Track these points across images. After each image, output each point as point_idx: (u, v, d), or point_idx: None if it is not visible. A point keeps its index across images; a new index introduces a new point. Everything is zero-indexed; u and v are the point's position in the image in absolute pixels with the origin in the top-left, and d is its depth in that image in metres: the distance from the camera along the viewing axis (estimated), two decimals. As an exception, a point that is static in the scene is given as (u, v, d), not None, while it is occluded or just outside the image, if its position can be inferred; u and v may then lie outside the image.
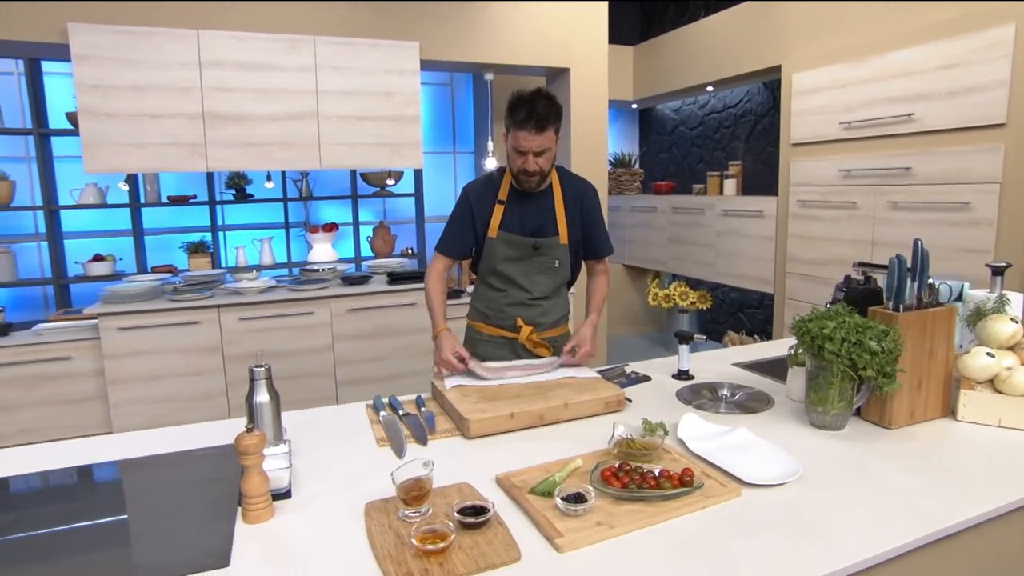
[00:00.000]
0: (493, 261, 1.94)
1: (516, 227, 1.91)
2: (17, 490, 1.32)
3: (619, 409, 1.61)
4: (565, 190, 1.96)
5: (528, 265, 1.93)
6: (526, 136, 1.73)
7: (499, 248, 1.91)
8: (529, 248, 1.91)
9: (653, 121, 6.02)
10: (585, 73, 4.14)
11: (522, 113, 1.72)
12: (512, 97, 1.77)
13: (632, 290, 5.90)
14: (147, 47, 3.14)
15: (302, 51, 3.43)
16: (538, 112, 1.71)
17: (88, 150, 3.14)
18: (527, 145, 1.75)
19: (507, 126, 1.79)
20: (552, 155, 1.83)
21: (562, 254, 1.96)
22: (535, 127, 1.72)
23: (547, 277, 1.96)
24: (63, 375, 3.27)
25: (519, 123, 1.73)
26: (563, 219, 1.93)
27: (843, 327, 1.35)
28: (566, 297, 2.10)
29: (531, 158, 1.77)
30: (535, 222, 1.91)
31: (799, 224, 3.62)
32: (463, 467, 1.33)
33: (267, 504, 1.16)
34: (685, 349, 1.88)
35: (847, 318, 1.37)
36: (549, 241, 1.92)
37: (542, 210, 1.92)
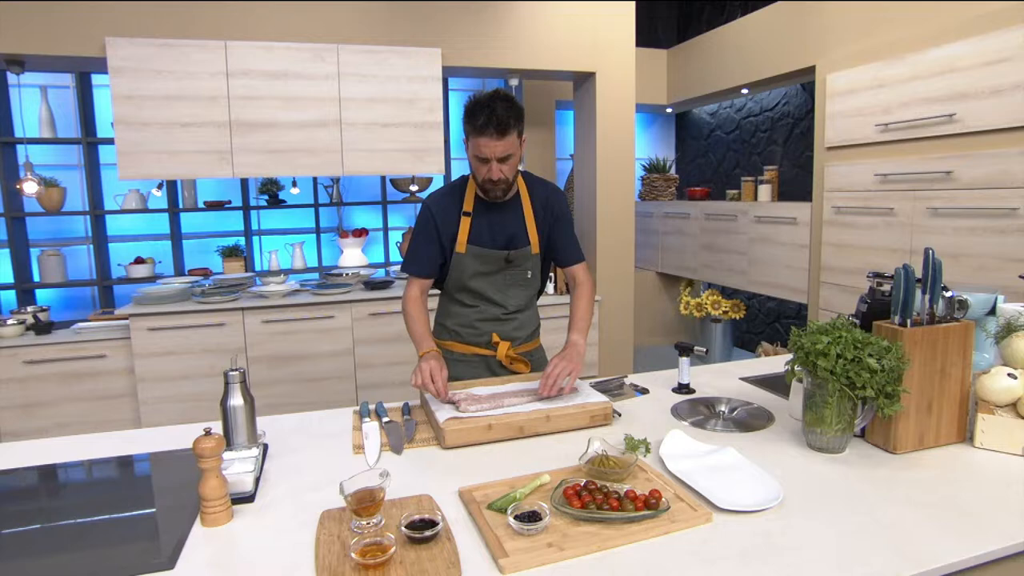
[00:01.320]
0: (463, 277, 1.84)
1: (486, 240, 1.81)
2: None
3: (606, 423, 1.54)
4: (533, 196, 1.86)
5: (501, 279, 1.85)
6: (487, 142, 1.62)
7: (469, 263, 1.82)
8: (501, 261, 1.82)
9: (689, 125, 5.87)
10: (611, 77, 4.06)
11: (481, 118, 1.60)
12: (468, 102, 1.66)
13: (665, 298, 5.75)
14: (178, 58, 3.26)
15: (326, 59, 3.49)
16: (498, 116, 1.59)
17: (122, 158, 3.28)
18: (489, 152, 1.63)
19: (466, 133, 1.67)
20: (517, 161, 1.72)
21: (534, 264, 1.88)
22: (496, 132, 1.60)
23: (521, 289, 1.88)
24: (98, 372, 3.41)
25: (479, 129, 1.61)
26: (533, 227, 1.84)
27: (839, 343, 1.25)
28: (536, 308, 2.02)
29: (495, 165, 1.66)
30: (506, 233, 1.82)
31: (833, 231, 3.44)
32: (432, 478, 1.30)
33: (225, 508, 1.15)
34: (685, 362, 1.80)
35: (844, 333, 1.27)
36: (522, 252, 1.83)
37: (511, 219, 1.82)
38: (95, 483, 1.44)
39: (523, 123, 1.69)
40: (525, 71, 4.00)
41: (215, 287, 3.64)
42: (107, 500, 1.30)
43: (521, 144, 1.72)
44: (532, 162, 5.14)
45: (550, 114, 5.16)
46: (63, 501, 1.33)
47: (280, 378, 3.58)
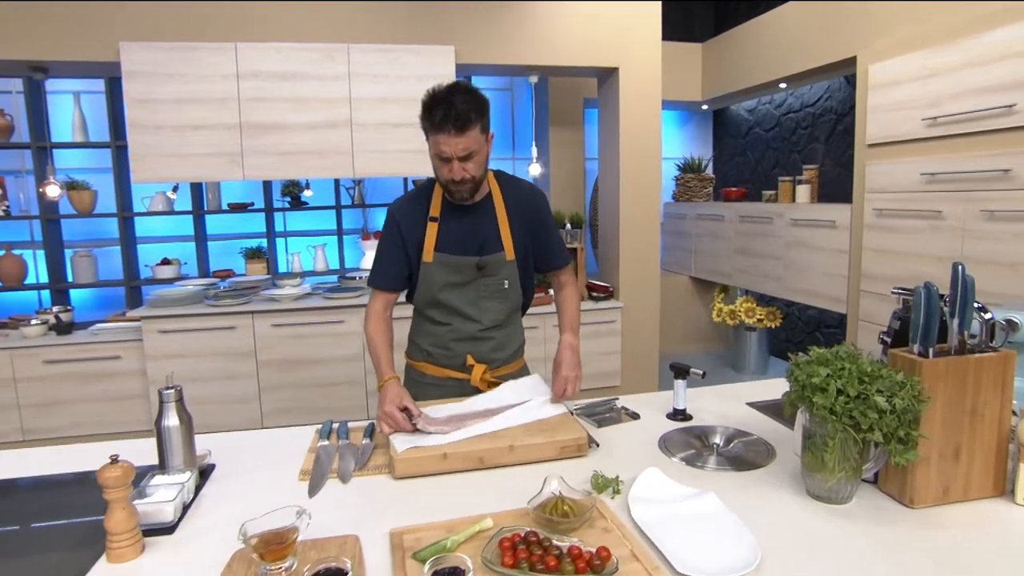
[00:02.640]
0: (432, 290, 1.67)
1: (455, 247, 1.64)
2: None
3: (579, 455, 1.38)
4: (507, 198, 1.68)
5: (474, 290, 1.68)
6: (446, 139, 1.46)
7: (437, 274, 1.65)
8: (473, 270, 1.65)
9: (727, 123, 5.58)
10: (636, 73, 3.85)
11: (438, 113, 1.45)
12: (426, 96, 1.49)
13: (698, 304, 5.48)
14: (189, 61, 3.25)
15: (336, 59, 3.42)
16: (457, 110, 1.44)
17: (136, 161, 3.30)
18: (450, 150, 1.48)
19: (424, 130, 1.51)
20: (483, 158, 1.56)
21: (510, 273, 1.69)
22: (455, 128, 1.45)
23: (498, 302, 1.70)
24: (112, 373, 3.45)
25: (437, 125, 1.46)
26: (507, 231, 1.67)
27: (840, 376, 1.05)
28: (520, 324, 1.83)
29: (456, 164, 1.50)
30: (476, 238, 1.65)
31: (875, 236, 3.14)
32: (371, 513, 1.17)
33: (132, 542, 1.05)
34: (680, 385, 1.61)
35: (848, 364, 1.06)
36: (495, 259, 1.66)
37: (482, 224, 1.66)
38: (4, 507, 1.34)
39: (487, 117, 1.53)
40: (544, 68, 3.84)
41: (228, 290, 3.63)
42: (9, 530, 1.20)
43: (487, 140, 1.56)
44: (560, 164, 4.98)
45: (578, 113, 4.98)
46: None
47: (289, 383, 3.54)
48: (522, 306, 1.81)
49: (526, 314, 1.87)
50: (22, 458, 1.50)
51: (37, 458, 1.50)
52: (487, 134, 1.55)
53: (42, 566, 1.05)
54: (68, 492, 1.34)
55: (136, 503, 1.13)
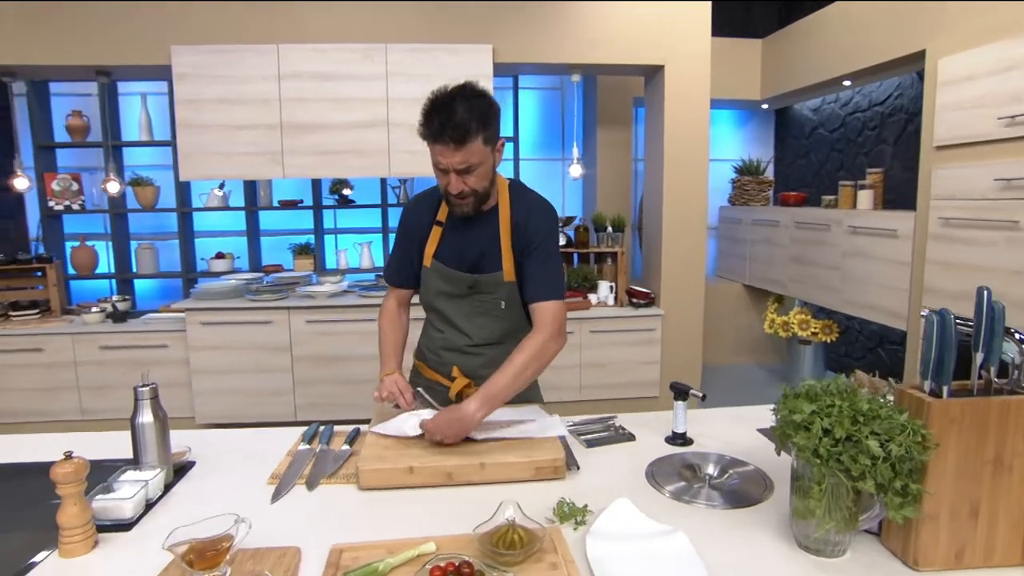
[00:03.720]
0: (428, 295, 1.62)
1: (452, 258, 1.57)
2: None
3: (556, 477, 1.29)
4: (514, 213, 1.55)
5: (467, 304, 1.59)
6: (443, 151, 1.36)
7: (433, 281, 1.60)
8: (465, 286, 1.57)
9: (789, 123, 5.26)
10: (682, 71, 3.68)
11: (436, 122, 1.34)
12: (427, 100, 1.39)
13: (752, 314, 5.20)
14: (234, 63, 3.36)
15: (375, 59, 3.45)
16: (455, 120, 1.33)
17: (183, 159, 3.44)
18: (446, 162, 1.38)
19: (422, 137, 1.40)
20: (487, 170, 1.44)
21: (509, 294, 1.57)
22: (452, 140, 1.34)
23: (492, 320, 1.60)
24: (159, 361, 3.62)
25: (434, 135, 1.36)
26: (508, 250, 1.54)
27: (828, 413, 0.92)
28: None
29: (454, 178, 1.40)
30: (473, 253, 1.56)
31: (941, 247, 2.85)
32: (323, 525, 1.14)
33: (84, 538, 1.06)
34: (680, 407, 1.49)
35: (838, 401, 0.93)
36: (490, 279, 1.55)
37: (484, 238, 1.55)
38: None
39: (494, 126, 1.41)
40: (586, 66, 3.73)
41: (267, 286, 3.74)
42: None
43: (494, 152, 1.45)
44: (607, 164, 4.85)
45: (627, 113, 4.83)
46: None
47: (321, 378, 3.60)
48: (522, 328, 1.67)
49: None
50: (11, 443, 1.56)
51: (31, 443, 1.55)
52: (494, 144, 1.44)
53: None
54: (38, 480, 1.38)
55: (98, 498, 1.14)
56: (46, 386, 3.59)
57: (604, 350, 3.87)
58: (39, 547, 1.07)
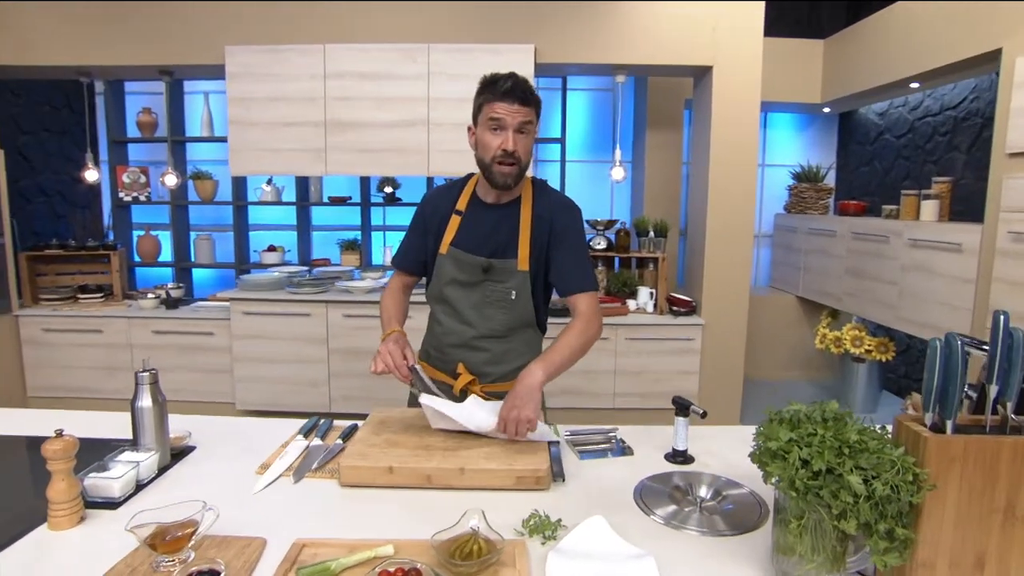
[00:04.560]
0: (440, 283, 1.63)
1: (470, 244, 1.59)
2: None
3: (539, 488, 1.25)
4: (536, 207, 1.59)
5: (477, 293, 1.60)
6: (507, 107, 1.46)
7: (447, 267, 1.61)
8: (479, 270, 1.57)
9: (853, 128, 4.98)
10: (732, 71, 3.53)
11: (506, 83, 1.47)
12: (485, 76, 1.54)
13: (804, 327, 4.94)
14: (282, 62, 3.47)
15: (417, 59, 3.49)
16: (522, 85, 1.47)
17: (234, 154, 3.59)
18: (510, 118, 1.46)
19: (480, 104, 1.50)
20: (531, 144, 1.52)
21: (520, 284, 1.58)
22: (519, 98, 1.46)
23: (500, 311, 1.60)
24: (206, 348, 3.79)
25: (501, 94, 1.46)
26: (526, 240, 1.57)
27: (808, 442, 0.85)
28: (530, 344, 1.67)
29: (511, 135, 1.46)
30: (493, 241, 1.58)
31: (1010, 265, 2.61)
32: (295, 518, 1.15)
33: (70, 512, 1.10)
34: (682, 423, 1.41)
35: (821, 430, 0.85)
36: (504, 264, 1.57)
37: (503, 227, 1.58)
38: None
39: (540, 108, 1.55)
40: (630, 67, 3.64)
41: (308, 279, 3.84)
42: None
43: (536, 130, 1.55)
44: (655, 167, 4.73)
45: (677, 115, 4.70)
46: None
47: (356, 371, 3.67)
48: (539, 325, 1.69)
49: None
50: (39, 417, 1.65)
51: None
52: (537, 124, 1.54)
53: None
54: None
55: (92, 476, 1.19)
56: (105, 365, 3.82)
57: (640, 358, 3.77)
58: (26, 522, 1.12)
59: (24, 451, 1.48)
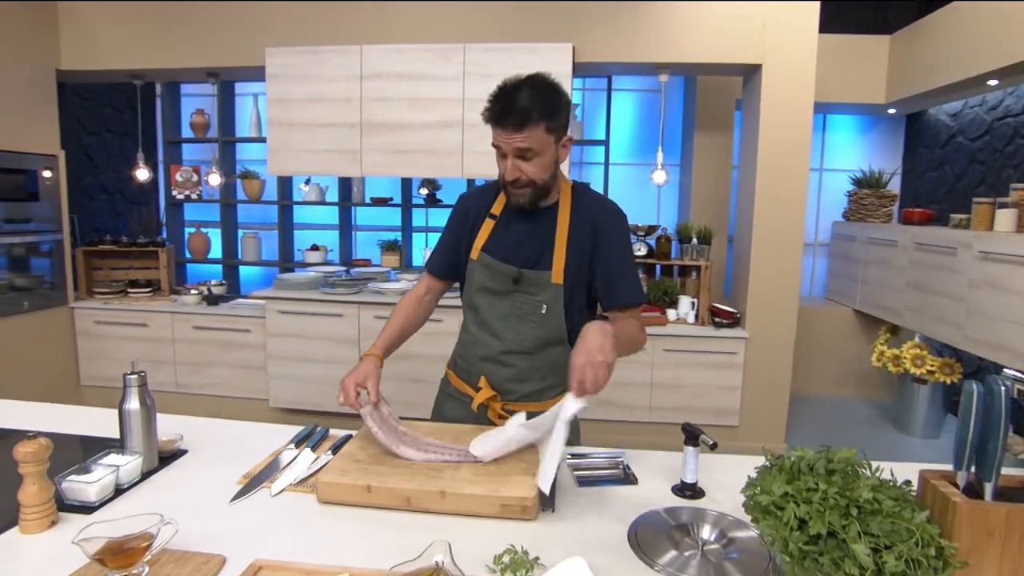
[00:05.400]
0: (470, 290, 1.55)
1: (502, 252, 1.50)
2: None
3: (524, 518, 1.15)
4: (576, 214, 1.49)
5: (508, 304, 1.51)
6: (502, 133, 1.36)
7: (478, 274, 1.52)
8: (509, 280, 1.48)
9: (922, 130, 4.62)
10: (782, 70, 3.32)
11: (497, 106, 1.35)
12: (495, 88, 1.40)
13: (861, 343, 4.62)
14: (321, 63, 3.50)
15: (452, 59, 3.44)
16: (519, 104, 1.33)
17: (272, 155, 3.64)
18: (506, 145, 1.37)
19: (486, 121, 1.41)
20: (547, 161, 1.40)
21: (552, 297, 1.48)
22: (512, 124, 1.34)
23: (531, 326, 1.50)
24: (243, 344, 3.86)
25: (496, 118, 1.36)
26: (562, 250, 1.46)
27: (807, 498, 0.72)
28: (561, 364, 1.50)
29: (511, 162, 1.38)
30: (527, 250, 1.48)
31: (1096, 285, 2.32)
32: (265, 534, 1.10)
33: (40, 516, 1.08)
34: (691, 453, 1.28)
35: (823, 484, 0.72)
36: (537, 275, 1.47)
37: (539, 236, 1.49)
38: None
39: (560, 116, 1.39)
40: (674, 65, 3.48)
41: (343, 279, 3.85)
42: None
43: (558, 145, 1.41)
44: (704, 171, 4.53)
45: (727, 116, 4.48)
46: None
47: (387, 374, 3.63)
48: (571, 342, 1.53)
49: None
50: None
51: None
52: (559, 136, 1.41)
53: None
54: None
55: (69, 479, 1.18)
56: (149, 358, 3.95)
57: (679, 371, 3.60)
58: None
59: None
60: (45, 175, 3.81)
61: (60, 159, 3.89)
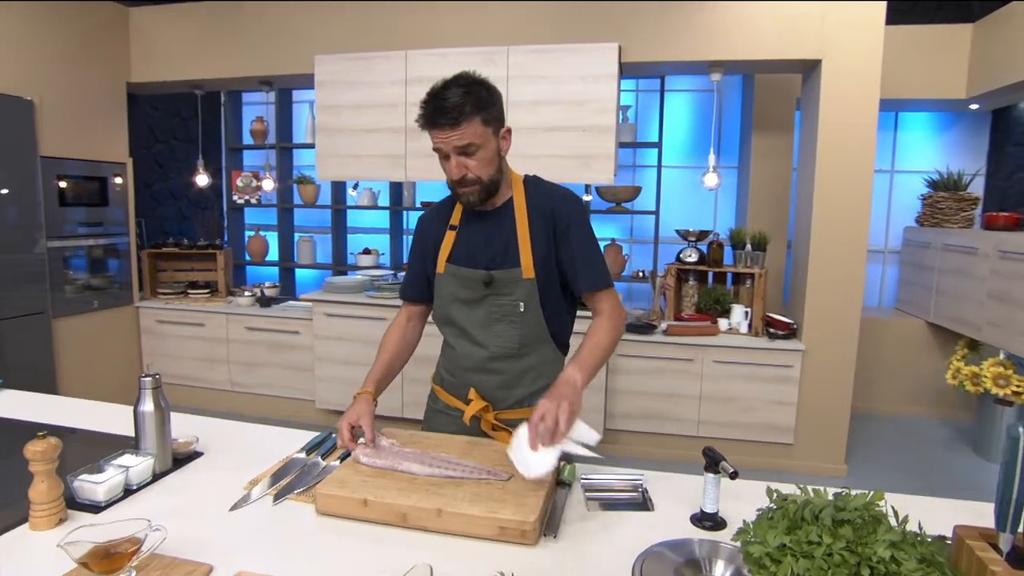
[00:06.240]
0: (443, 304, 1.52)
1: (467, 258, 1.48)
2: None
3: (523, 542, 1.09)
4: (532, 206, 1.46)
5: (482, 310, 1.47)
6: (439, 134, 1.35)
7: (447, 286, 1.50)
8: (480, 284, 1.45)
9: (1010, 127, 4.23)
10: (843, 65, 3.09)
11: (429, 108, 1.34)
12: (425, 94, 1.39)
13: (936, 358, 4.27)
14: (367, 69, 3.54)
15: (496, 62, 3.41)
16: (449, 102, 1.32)
17: (321, 160, 3.71)
18: (444, 144, 1.35)
19: (421, 127, 1.40)
20: (490, 155, 1.38)
21: (526, 293, 1.44)
22: (447, 121, 1.32)
23: (510, 327, 1.46)
24: (293, 346, 3.96)
25: (430, 120, 1.35)
26: (526, 244, 1.44)
27: (808, 552, 0.62)
28: (551, 363, 1.52)
29: (455, 161, 1.36)
30: (489, 250, 1.46)
31: None
32: (256, 545, 1.09)
33: (48, 513, 1.11)
34: (712, 481, 1.18)
35: (828, 537, 0.63)
36: (507, 274, 1.44)
37: (499, 234, 1.46)
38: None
39: (494, 108, 1.38)
40: (726, 63, 3.32)
41: (389, 283, 3.89)
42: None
43: (498, 137, 1.41)
44: (762, 174, 4.32)
45: (788, 116, 4.25)
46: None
47: (426, 378, 3.64)
48: (554, 338, 1.52)
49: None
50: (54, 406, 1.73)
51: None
52: (497, 128, 1.40)
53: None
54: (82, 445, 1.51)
55: (80, 478, 1.20)
56: (205, 357, 4.12)
57: (729, 383, 3.43)
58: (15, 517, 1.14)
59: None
60: (116, 181, 4.04)
61: (128, 166, 4.12)
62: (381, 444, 1.35)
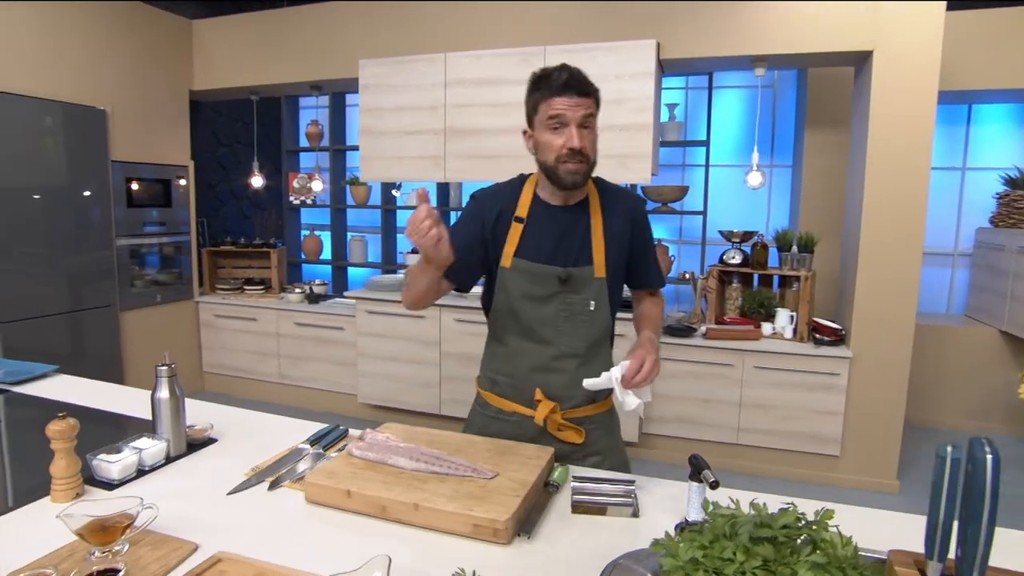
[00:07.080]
0: (509, 300, 1.45)
1: (539, 254, 1.43)
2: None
3: (496, 542, 1.09)
4: (606, 204, 1.48)
5: (554, 308, 1.44)
6: (566, 101, 1.34)
7: (515, 282, 1.44)
8: (555, 282, 1.42)
9: (1100, 118, 3.85)
10: (897, 56, 2.91)
11: (561, 76, 1.36)
12: (535, 73, 1.43)
13: (1009, 369, 3.95)
14: (408, 72, 3.63)
15: (532, 63, 3.40)
16: (578, 76, 1.37)
17: (364, 162, 3.83)
18: (571, 113, 1.34)
19: (535, 103, 1.41)
20: (595, 137, 1.41)
21: (598, 292, 1.45)
22: (578, 90, 1.35)
23: (581, 326, 1.45)
24: (337, 341, 4.11)
25: (557, 88, 1.35)
26: (600, 243, 1.45)
27: (719, 568, 0.61)
28: (607, 359, 1.51)
29: (575, 131, 1.35)
30: (564, 247, 1.44)
31: None
32: (246, 528, 1.14)
33: (67, 487, 1.21)
34: (696, 489, 1.15)
35: (741, 554, 0.61)
36: (582, 273, 1.43)
37: (574, 231, 1.44)
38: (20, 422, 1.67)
39: (600, 103, 1.43)
40: (770, 57, 3.19)
41: (428, 281, 3.96)
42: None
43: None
44: (813, 173, 4.13)
45: (843, 111, 4.04)
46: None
47: (466, 376, 3.71)
48: (609, 336, 1.54)
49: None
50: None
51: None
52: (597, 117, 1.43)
53: (22, 474, 1.31)
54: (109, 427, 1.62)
55: (100, 456, 1.30)
56: (258, 351, 4.34)
57: (771, 390, 3.30)
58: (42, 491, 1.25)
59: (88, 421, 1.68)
60: (180, 183, 4.31)
61: (190, 169, 4.39)
62: (376, 439, 1.39)
